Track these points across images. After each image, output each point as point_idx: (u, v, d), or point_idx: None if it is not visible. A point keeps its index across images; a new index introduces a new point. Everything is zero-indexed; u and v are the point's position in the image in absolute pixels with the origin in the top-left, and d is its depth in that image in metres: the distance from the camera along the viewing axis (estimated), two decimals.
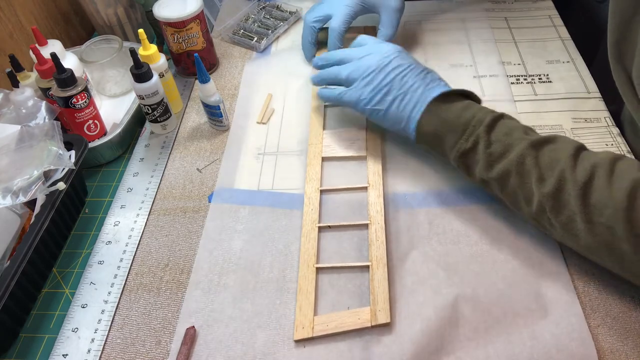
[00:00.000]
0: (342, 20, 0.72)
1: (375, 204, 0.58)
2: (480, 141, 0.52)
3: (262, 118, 0.71)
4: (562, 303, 0.50)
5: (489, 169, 0.51)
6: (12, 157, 0.57)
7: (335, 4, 0.73)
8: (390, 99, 0.58)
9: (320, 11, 0.75)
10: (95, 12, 0.82)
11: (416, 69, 0.59)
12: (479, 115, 0.53)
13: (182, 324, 0.51)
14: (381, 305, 0.50)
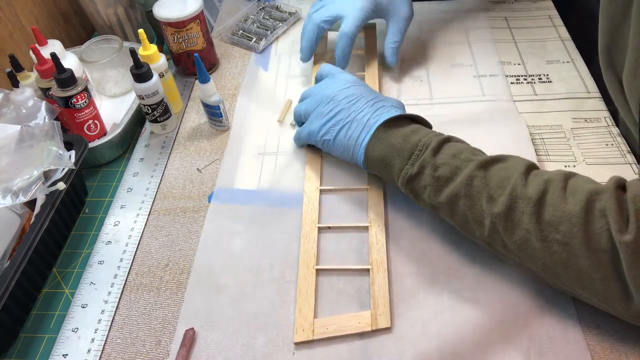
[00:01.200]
0: (355, 24, 0.68)
1: (376, 206, 0.58)
2: (426, 165, 0.50)
3: (283, 117, 0.71)
4: (560, 303, 0.50)
5: (437, 193, 0.49)
6: (12, 157, 0.57)
7: (346, 5, 0.69)
8: (338, 128, 0.57)
9: (330, 11, 0.70)
10: (95, 12, 0.82)
11: (367, 96, 0.58)
12: (425, 139, 0.51)
13: (181, 325, 0.51)
14: (382, 309, 0.50)
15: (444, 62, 0.77)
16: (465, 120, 0.68)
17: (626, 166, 0.61)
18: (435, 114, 0.69)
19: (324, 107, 0.59)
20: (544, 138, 0.65)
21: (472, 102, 0.71)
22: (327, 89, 0.61)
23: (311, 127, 0.60)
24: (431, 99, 0.72)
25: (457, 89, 0.73)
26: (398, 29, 0.71)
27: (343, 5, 0.70)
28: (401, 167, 0.52)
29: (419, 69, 0.77)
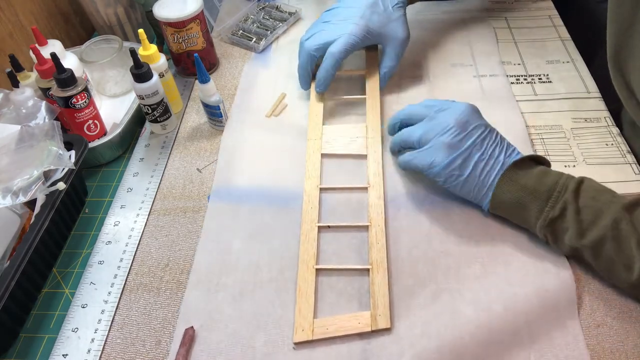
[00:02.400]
0: (343, 46, 0.66)
1: (376, 206, 0.58)
2: (568, 207, 0.48)
3: (272, 112, 0.71)
4: (563, 302, 0.50)
5: (580, 236, 0.48)
6: (12, 157, 0.57)
7: (337, 31, 0.67)
8: (472, 165, 0.52)
9: (321, 38, 0.68)
10: (95, 12, 0.82)
11: (493, 131, 0.55)
12: (562, 180, 0.50)
13: (181, 324, 0.51)
14: (381, 310, 0.50)
15: (444, 62, 0.77)
16: None
17: (626, 166, 0.61)
18: None
19: (452, 136, 0.53)
20: (544, 138, 0.65)
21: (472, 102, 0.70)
22: (446, 114, 0.55)
23: (433, 157, 0.53)
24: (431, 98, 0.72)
25: (457, 89, 0.73)
26: (394, 53, 0.69)
27: (334, 31, 0.67)
28: (540, 209, 0.50)
29: (419, 69, 0.77)
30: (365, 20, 0.67)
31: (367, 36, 0.67)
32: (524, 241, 0.55)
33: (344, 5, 0.69)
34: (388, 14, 0.68)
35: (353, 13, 0.68)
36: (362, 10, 0.68)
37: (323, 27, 0.69)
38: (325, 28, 0.69)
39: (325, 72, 0.67)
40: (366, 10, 0.67)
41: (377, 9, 0.68)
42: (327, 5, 0.91)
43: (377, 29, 0.68)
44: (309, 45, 0.68)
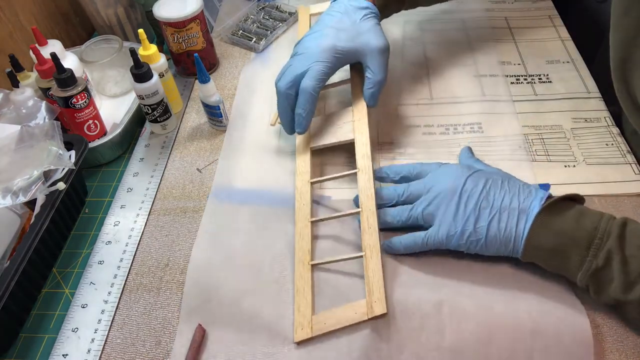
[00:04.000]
0: (314, 78, 0.58)
1: (366, 189, 0.56)
2: (613, 257, 0.45)
3: (275, 120, 0.69)
4: (565, 299, 0.49)
5: (627, 289, 0.44)
6: (12, 157, 0.57)
7: (305, 61, 0.60)
8: (485, 224, 0.49)
9: (291, 73, 0.60)
10: (95, 12, 0.82)
11: (496, 179, 0.51)
12: (602, 224, 0.46)
13: (182, 324, 0.51)
14: (377, 295, 0.49)
15: (444, 62, 0.77)
16: (465, 121, 0.68)
17: (626, 166, 0.61)
18: (435, 114, 0.70)
19: (454, 204, 0.50)
20: (544, 138, 0.65)
21: (472, 102, 0.71)
22: (440, 185, 0.52)
23: (447, 229, 0.50)
24: (431, 99, 0.72)
25: (457, 89, 0.73)
26: (378, 66, 0.60)
27: (302, 62, 0.60)
28: (581, 258, 0.46)
29: (419, 68, 0.77)
30: (331, 40, 0.60)
31: (338, 56, 0.60)
32: None
33: (308, 33, 0.63)
34: (356, 27, 0.61)
35: (317, 37, 0.61)
36: (325, 30, 0.61)
37: (291, 61, 0.62)
38: (293, 62, 0.61)
39: (302, 111, 0.59)
40: (329, 30, 0.61)
41: (342, 24, 0.61)
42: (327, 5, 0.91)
43: (347, 46, 0.60)
44: (281, 85, 0.60)
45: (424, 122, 0.68)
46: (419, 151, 0.65)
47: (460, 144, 0.65)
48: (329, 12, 0.64)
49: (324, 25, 0.62)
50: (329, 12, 0.64)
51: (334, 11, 0.63)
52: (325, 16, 0.64)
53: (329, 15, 0.63)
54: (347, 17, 0.62)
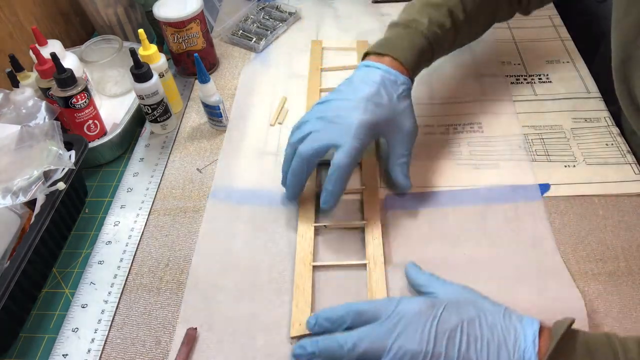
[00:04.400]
0: (352, 154, 0.53)
1: (372, 205, 0.58)
2: None
3: (275, 120, 0.71)
4: (566, 301, 0.49)
5: None
6: (12, 157, 0.57)
7: (339, 131, 0.54)
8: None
9: (320, 140, 0.54)
10: (95, 12, 0.82)
11: (471, 320, 0.43)
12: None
13: (181, 325, 0.51)
14: (379, 296, 0.50)
15: (444, 62, 0.77)
16: (465, 121, 0.68)
17: (626, 166, 0.61)
18: (435, 114, 0.69)
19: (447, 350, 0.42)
20: (544, 138, 0.65)
21: (472, 102, 0.71)
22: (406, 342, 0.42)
23: None
24: (431, 98, 0.72)
25: (457, 89, 0.73)
26: (404, 148, 0.57)
27: (335, 131, 0.54)
28: None
29: None
30: (370, 116, 0.54)
31: (374, 134, 0.56)
32: (523, 241, 0.55)
33: (340, 97, 0.57)
34: (393, 105, 0.56)
35: (354, 107, 0.55)
36: (364, 103, 0.55)
37: (318, 125, 0.55)
38: (321, 127, 0.55)
39: (334, 187, 0.54)
40: (368, 104, 0.55)
41: (381, 99, 0.55)
42: (327, 5, 0.91)
43: (383, 125, 0.56)
44: (305, 150, 0.54)
45: (424, 122, 0.68)
46: (418, 151, 0.65)
47: (460, 143, 0.65)
48: (365, 80, 0.57)
49: (361, 96, 0.55)
50: (365, 80, 0.57)
51: (371, 80, 0.56)
52: (361, 84, 0.56)
53: (365, 84, 0.56)
54: (385, 91, 0.56)
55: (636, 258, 0.53)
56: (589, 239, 0.55)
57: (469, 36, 0.66)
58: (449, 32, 0.60)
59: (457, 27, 0.61)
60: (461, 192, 0.60)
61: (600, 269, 0.52)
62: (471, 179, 0.61)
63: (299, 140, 0.56)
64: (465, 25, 0.61)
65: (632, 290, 0.50)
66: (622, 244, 0.54)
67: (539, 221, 0.56)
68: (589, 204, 0.58)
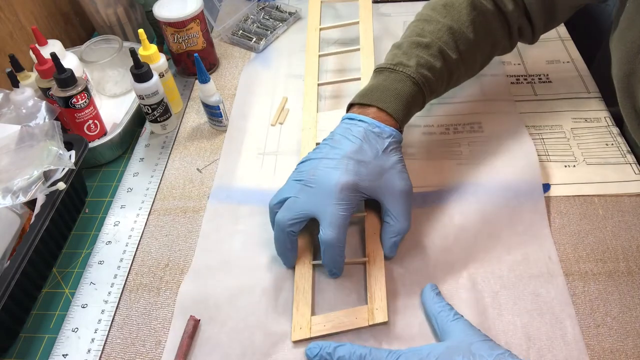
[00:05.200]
0: (338, 225, 0.48)
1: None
2: None
3: (276, 120, 0.71)
4: (557, 304, 0.49)
5: None
6: (12, 157, 0.57)
7: (318, 199, 0.49)
8: None
9: (297, 209, 0.50)
10: (95, 12, 0.82)
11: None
12: None
13: (175, 320, 0.51)
14: (378, 303, 0.49)
15: None
16: (465, 121, 0.68)
17: (626, 166, 0.61)
18: (435, 114, 0.69)
19: None
20: (544, 138, 0.65)
21: (472, 102, 0.71)
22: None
23: None
24: None
25: (457, 89, 0.72)
26: (399, 211, 0.51)
27: (313, 197, 0.49)
28: None
29: None
30: (351, 177, 0.49)
31: (357, 196, 0.50)
32: (520, 240, 0.55)
33: (319, 156, 0.51)
34: (379, 162, 0.51)
35: (333, 167, 0.50)
36: (344, 162, 0.50)
37: (295, 189, 0.51)
38: (300, 193, 0.50)
39: (332, 266, 0.51)
40: (349, 162, 0.49)
41: (364, 156, 0.50)
42: (327, 5, 0.91)
43: (369, 186, 0.50)
44: (283, 219, 0.50)
45: (424, 122, 0.68)
46: (418, 151, 0.65)
47: (460, 143, 0.65)
48: (346, 136, 0.52)
49: (342, 154, 0.50)
50: (346, 136, 0.52)
51: (352, 136, 0.51)
52: (342, 139, 0.52)
53: (347, 139, 0.51)
54: (369, 146, 0.51)
55: (636, 258, 0.53)
56: (589, 239, 0.55)
57: (466, 74, 0.59)
58: (441, 74, 0.55)
59: (450, 67, 0.56)
60: (461, 192, 0.60)
61: (600, 269, 0.52)
62: (471, 179, 0.61)
63: (277, 205, 0.52)
64: (459, 64, 0.56)
65: (632, 290, 0.50)
66: (622, 244, 0.54)
67: (539, 221, 0.56)
68: (589, 204, 0.58)
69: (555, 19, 0.59)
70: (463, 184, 0.60)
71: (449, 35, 0.55)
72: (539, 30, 0.59)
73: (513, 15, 0.56)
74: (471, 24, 0.56)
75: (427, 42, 0.55)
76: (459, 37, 0.55)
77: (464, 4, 0.56)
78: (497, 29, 0.57)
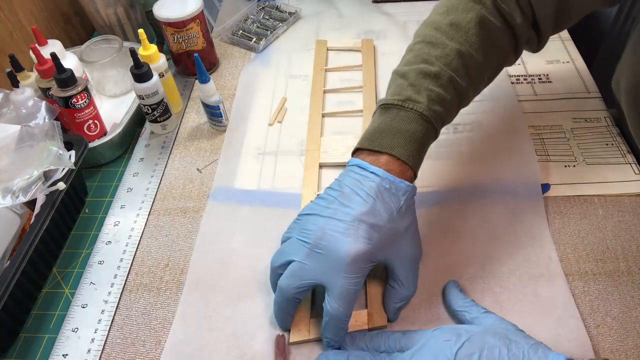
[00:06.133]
0: (347, 301, 0.44)
1: None
2: None
3: (274, 119, 0.71)
4: (559, 304, 0.49)
5: None
6: (12, 157, 0.57)
7: (324, 266, 0.45)
8: None
9: (303, 277, 0.46)
10: (95, 12, 0.82)
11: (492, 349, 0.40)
12: None
13: (177, 324, 0.51)
14: (377, 307, 0.50)
15: None
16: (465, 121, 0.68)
17: (626, 166, 0.61)
18: None
19: None
20: (544, 138, 0.65)
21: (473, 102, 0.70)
22: None
23: None
24: None
25: None
26: (407, 279, 0.49)
27: (321, 265, 0.45)
28: None
29: None
30: (364, 245, 0.44)
31: (369, 266, 0.46)
32: (521, 241, 0.55)
33: (327, 214, 0.46)
34: (394, 226, 0.46)
35: (344, 231, 0.45)
36: (355, 226, 0.45)
37: (301, 252, 0.46)
38: (307, 259, 0.46)
39: (334, 336, 0.46)
40: (361, 228, 0.45)
41: (378, 219, 0.45)
42: (327, 5, 0.91)
43: (380, 252, 0.46)
44: (288, 287, 0.46)
45: None
46: None
47: (460, 143, 0.65)
48: (357, 191, 0.46)
49: (353, 216, 0.45)
50: (357, 191, 0.46)
51: (364, 192, 0.46)
52: (352, 195, 0.46)
53: (358, 196, 0.46)
54: (383, 206, 0.46)
55: (636, 258, 0.53)
56: (589, 239, 0.55)
57: (474, 95, 0.55)
58: (452, 104, 0.51)
59: (460, 95, 0.51)
60: (461, 192, 0.60)
61: (600, 269, 0.52)
62: (471, 179, 0.61)
63: (280, 267, 0.48)
64: (469, 90, 0.52)
65: (632, 290, 0.50)
66: (622, 244, 0.54)
67: (539, 221, 0.56)
68: (589, 204, 0.58)
69: (563, 27, 0.56)
70: (463, 184, 0.60)
71: (459, 61, 0.50)
72: (545, 39, 0.56)
73: (521, 28, 0.52)
74: (480, 46, 0.50)
75: (436, 72, 0.49)
76: (469, 61, 0.50)
77: (471, 22, 0.50)
78: (506, 46, 0.53)
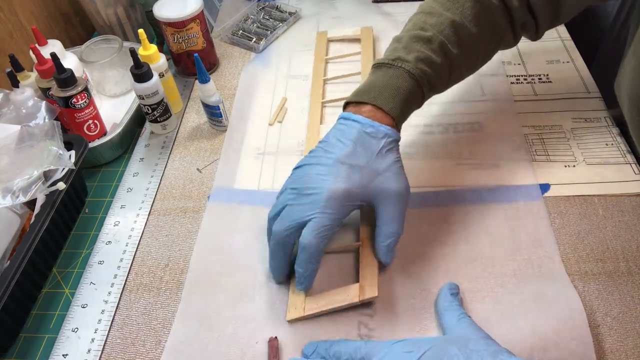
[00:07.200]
0: (320, 233, 0.47)
1: None
2: None
3: (275, 119, 0.71)
4: (563, 301, 0.49)
5: None
6: (12, 157, 0.57)
7: (307, 205, 0.48)
8: None
9: (290, 217, 0.48)
10: (95, 12, 0.82)
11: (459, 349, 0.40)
12: None
13: (177, 325, 0.51)
14: (369, 280, 0.50)
15: None
16: (465, 121, 0.68)
17: (626, 166, 0.61)
18: (435, 113, 0.69)
19: None
20: (543, 138, 0.65)
21: (472, 102, 0.71)
22: None
23: None
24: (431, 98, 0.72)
25: (457, 89, 0.72)
26: (392, 214, 0.49)
27: (305, 205, 0.48)
28: None
29: None
30: (342, 184, 0.47)
31: (348, 205, 0.48)
32: (521, 241, 0.55)
33: (312, 162, 0.50)
34: (374, 165, 0.49)
35: (326, 173, 0.48)
36: (336, 167, 0.48)
37: (291, 197, 0.50)
38: (292, 201, 0.49)
39: (303, 270, 0.48)
40: (341, 168, 0.48)
41: (357, 160, 0.48)
42: (327, 5, 0.91)
43: (361, 192, 0.48)
44: (278, 230, 0.49)
45: (424, 122, 0.68)
46: (418, 150, 0.65)
47: (460, 143, 0.65)
48: (339, 138, 0.50)
49: (333, 159, 0.49)
50: (339, 138, 0.50)
51: (346, 138, 0.49)
52: (336, 142, 0.50)
53: (340, 142, 0.50)
54: (363, 149, 0.49)
55: (636, 258, 0.53)
56: (589, 239, 0.55)
57: (467, 70, 0.57)
58: (442, 69, 0.53)
59: (452, 62, 0.53)
60: (461, 192, 0.60)
61: (600, 269, 0.52)
62: (471, 179, 0.61)
63: (275, 216, 0.50)
64: (460, 60, 0.54)
65: (632, 290, 0.50)
66: (622, 244, 0.54)
67: (539, 221, 0.56)
68: (589, 204, 0.58)
69: (560, 18, 0.58)
70: (462, 184, 0.60)
71: (451, 30, 0.52)
72: (543, 27, 0.57)
73: (518, 11, 0.55)
74: (474, 18, 0.53)
75: (429, 36, 0.52)
76: (462, 31, 0.53)
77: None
78: (501, 24, 0.55)
